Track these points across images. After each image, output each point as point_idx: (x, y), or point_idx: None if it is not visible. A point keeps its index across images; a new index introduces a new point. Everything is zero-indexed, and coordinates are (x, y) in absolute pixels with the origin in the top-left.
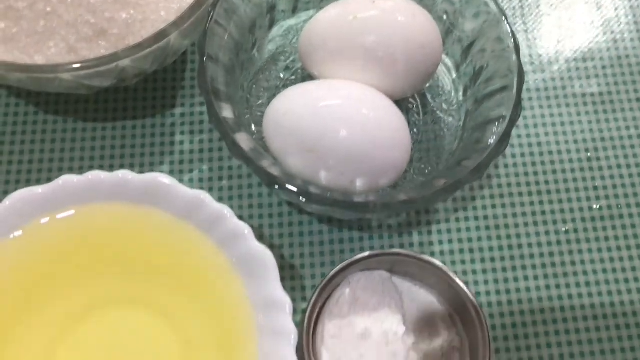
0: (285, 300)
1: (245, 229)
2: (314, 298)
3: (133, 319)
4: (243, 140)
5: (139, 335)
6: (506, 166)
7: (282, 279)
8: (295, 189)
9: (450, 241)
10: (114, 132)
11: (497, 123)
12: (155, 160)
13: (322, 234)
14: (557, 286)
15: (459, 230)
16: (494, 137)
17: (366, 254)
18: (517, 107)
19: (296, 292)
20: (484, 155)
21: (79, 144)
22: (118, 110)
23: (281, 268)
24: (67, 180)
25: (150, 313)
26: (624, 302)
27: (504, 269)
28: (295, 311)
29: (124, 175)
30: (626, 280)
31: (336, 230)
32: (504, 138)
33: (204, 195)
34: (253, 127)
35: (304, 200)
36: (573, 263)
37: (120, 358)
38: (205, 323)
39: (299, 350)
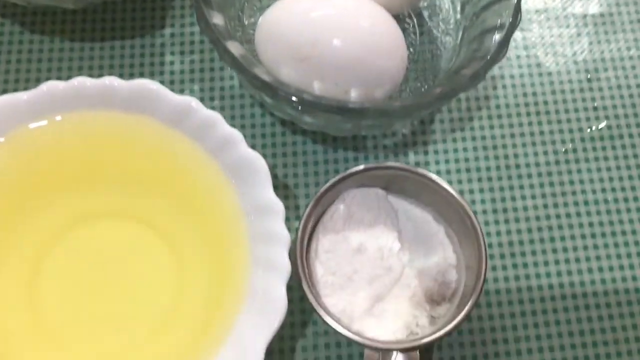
0: (278, 205)
1: (237, 135)
2: (307, 210)
3: (121, 230)
4: (234, 47)
5: (128, 246)
6: (504, 87)
7: None
8: (289, 95)
9: (447, 161)
10: (102, 52)
11: (495, 31)
12: None
13: (317, 154)
14: (555, 205)
15: (455, 150)
16: (493, 45)
17: (361, 167)
18: (517, 13)
19: (290, 211)
20: (482, 63)
21: (66, 64)
22: (106, 30)
23: (275, 188)
24: (52, 86)
25: (140, 224)
26: (623, 220)
27: (502, 189)
28: (287, 230)
29: (111, 81)
30: (625, 200)
31: (330, 150)
32: (503, 44)
33: (194, 102)
34: (245, 46)
35: (298, 107)
36: (572, 182)
37: (110, 269)
38: (197, 232)
39: (292, 264)
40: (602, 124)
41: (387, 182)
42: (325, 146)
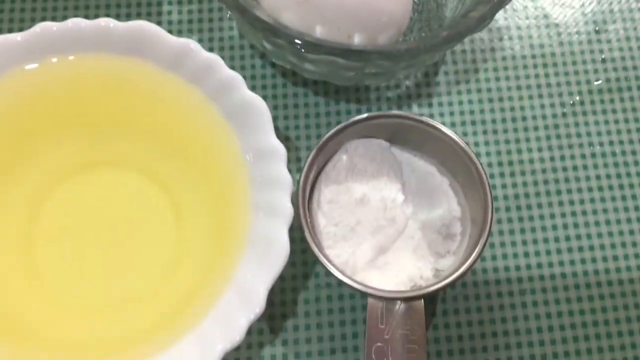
0: (280, 148)
1: (238, 78)
2: (309, 159)
3: (119, 178)
4: None
5: (126, 194)
6: (510, 38)
7: None
8: (291, 37)
9: (451, 113)
10: (98, 1)
11: None
12: None
13: (318, 106)
14: (562, 158)
15: (460, 102)
16: None
17: (364, 115)
18: None
19: (291, 163)
20: (489, 5)
21: (62, 3)
22: None
23: None
24: (46, 27)
25: (137, 172)
26: (630, 173)
27: (507, 141)
28: None
29: (106, 22)
30: (633, 152)
31: (332, 102)
32: None
33: (193, 44)
34: None
35: (300, 50)
36: (578, 135)
37: (108, 218)
38: (196, 179)
39: (294, 214)
40: (610, 76)
41: (391, 133)
42: (326, 98)
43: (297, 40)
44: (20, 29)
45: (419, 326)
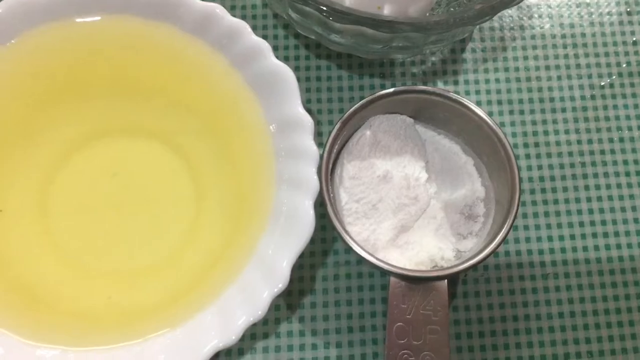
0: (306, 118)
1: (264, 45)
2: (333, 134)
3: (139, 147)
4: None
5: (145, 163)
6: (540, 16)
7: None
8: (320, 4)
9: (477, 92)
10: None
11: None
12: None
13: (342, 80)
14: (590, 141)
15: (487, 81)
16: None
17: (390, 90)
18: None
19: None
20: None
21: None
22: None
23: None
24: None
25: (157, 141)
26: None
27: (534, 122)
28: None
29: None
30: None
31: (356, 76)
32: None
33: (219, 8)
34: None
35: (329, 18)
36: (607, 119)
37: (127, 187)
38: (218, 149)
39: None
40: None
41: (416, 110)
42: (350, 72)
43: (325, 8)
44: None
45: (441, 307)
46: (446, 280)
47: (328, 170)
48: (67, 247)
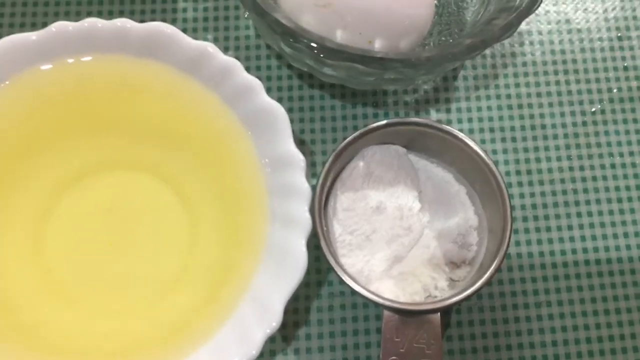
0: (298, 156)
1: (256, 83)
2: (326, 166)
3: (133, 182)
4: None
5: (140, 198)
6: (531, 43)
7: None
8: (310, 42)
9: (470, 120)
10: None
11: None
12: None
13: (335, 109)
14: (581, 168)
15: (479, 109)
16: None
17: (383, 122)
18: None
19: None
20: (514, 13)
21: (74, 8)
22: None
23: None
24: (61, 26)
25: (152, 176)
26: None
27: (526, 150)
28: None
29: (123, 23)
30: None
31: (349, 105)
32: None
33: (211, 47)
34: None
35: (319, 55)
36: (599, 145)
37: (121, 222)
38: (212, 185)
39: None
40: (632, 84)
41: (409, 140)
42: (343, 101)
43: (316, 45)
44: (33, 24)
45: (435, 340)
46: (439, 313)
47: (322, 203)
48: (63, 284)
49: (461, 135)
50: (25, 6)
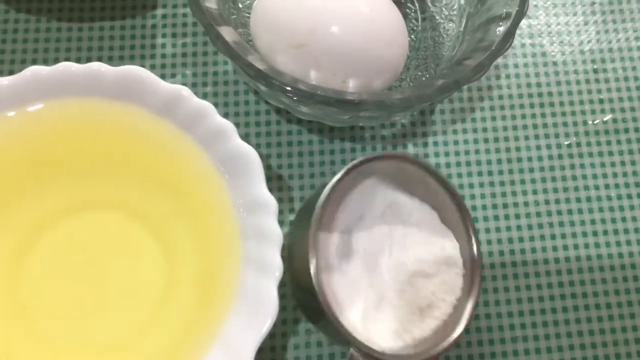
0: (270, 201)
1: (229, 126)
2: (314, 222)
3: (109, 222)
4: (228, 33)
5: (115, 238)
6: (508, 77)
7: (270, 190)
8: (283, 85)
9: (446, 153)
10: (91, 32)
11: (500, 22)
12: (135, 63)
13: (312, 144)
14: (557, 201)
15: (456, 142)
16: (498, 35)
17: (344, 171)
18: (525, 1)
19: (284, 203)
20: (486, 54)
21: (53, 45)
22: (95, 10)
23: (268, 179)
24: (36, 71)
25: (128, 216)
26: (626, 218)
27: (502, 183)
28: (282, 223)
29: (98, 67)
30: (629, 196)
31: (327, 140)
32: (509, 35)
33: (185, 90)
34: (240, 30)
35: (293, 97)
36: (574, 178)
37: (96, 263)
38: (187, 226)
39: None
40: (608, 117)
41: (394, 176)
42: (321, 136)
43: (289, 89)
44: (10, 71)
45: None
46: None
47: (315, 255)
48: (37, 323)
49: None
50: (2, 53)
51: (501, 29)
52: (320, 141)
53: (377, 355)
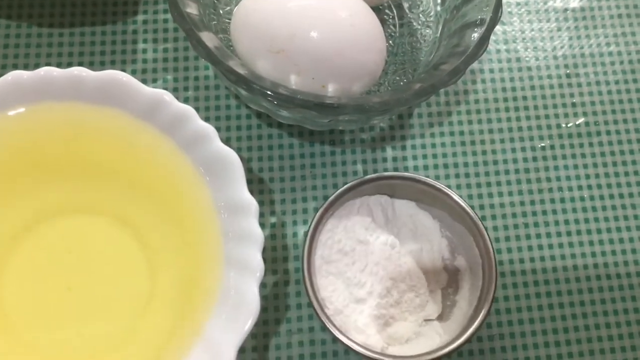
0: (252, 203)
1: (211, 130)
2: (314, 221)
3: (91, 226)
4: (209, 39)
5: (97, 242)
6: (484, 81)
7: (251, 193)
8: (264, 89)
9: (424, 156)
10: (72, 38)
11: (475, 28)
12: (116, 69)
13: (292, 148)
14: (532, 202)
15: (433, 145)
16: (473, 40)
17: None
18: (498, 8)
19: (265, 206)
20: (461, 58)
21: (34, 50)
22: (76, 15)
23: (249, 182)
24: (17, 75)
25: (110, 220)
26: (598, 218)
27: (479, 185)
28: (262, 225)
29: (79, 72)
30: (601, 197)
31: (307, 144)
32: (483, 40)
33: (167, 95)
34: (220, 35)
35: (274, 102)
36: (548, 179)
37: (78, 266)
38: (168, 229)
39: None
40: (580, 120)
41: (391, 189)
42: (301, 140)
43: (269, 93)
44: None
45: None
46: None
47: (311, 250)
48: (19, 325)
49: (448, 190)
50: None
51: (476, 35)
52: (301, 144)
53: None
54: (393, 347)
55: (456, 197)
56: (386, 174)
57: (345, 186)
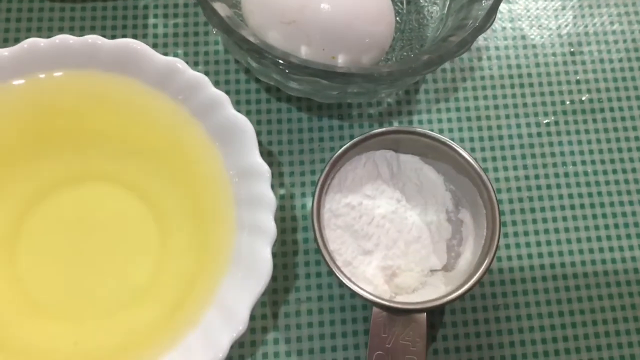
0: (264, 167)
1: (223, 97)
2: (324, 173)
3: (104, 193)
4: (221, 9)
5: (111, 209)
6: (489, 58)
7: None
8: (275, 58)
9: (431, 131)
10: (83, 13)
11: (483, 1)
12: None
13: (301, 122)
14: (537, 176)
15: (439, 120)
16: (480, 13)
17: (379, 130)
18: None
19: (274, 178)
20: (469, 30)
21: (46, 24)
22: None
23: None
24: (33, 43)
25: (123, 187)
26: (601, 192)
27: (484, 159)
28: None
29: (94, 40)
30: (604, 172)
31: (315, 118)
32: (491, 13)
33: (180, 63)
34: (232, 10)
35: (285, 71)
36: (553, 154)
37: (92, 233)
38: (181, 195)
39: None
40: (584, 97)
41: (398, 144)
42: (309, 114)
43: (281, 61)
44: (6, 44)
45: (420, 338)
46: (425, 313)
47: (320, 206)
48: (33, 292)
49: (452, 143)
50: None
51: (483, 7)
52: (309, 119)
53: (397, 306)
54: (400, 296)
55: (460, 150)
56: (391, 128)
57: (352, 141)
